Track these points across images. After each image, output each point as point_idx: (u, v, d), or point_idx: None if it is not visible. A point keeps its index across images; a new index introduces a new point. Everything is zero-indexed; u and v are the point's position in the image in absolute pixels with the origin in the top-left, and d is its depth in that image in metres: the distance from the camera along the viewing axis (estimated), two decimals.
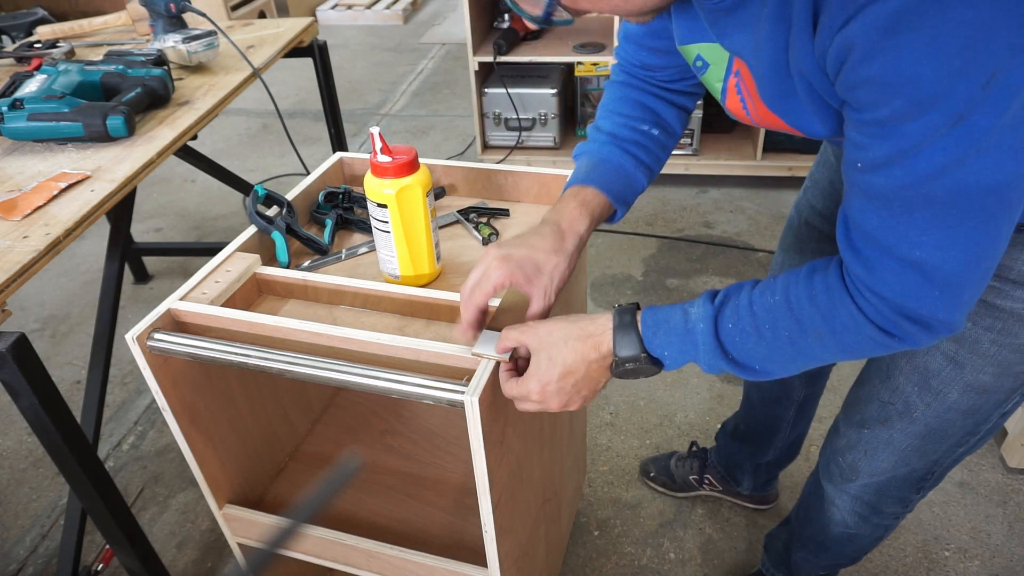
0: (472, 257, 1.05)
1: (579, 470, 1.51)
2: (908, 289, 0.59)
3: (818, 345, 0.64)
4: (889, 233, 0.58)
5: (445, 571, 0.98)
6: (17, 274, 0.97)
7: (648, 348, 0.70)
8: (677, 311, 0.70)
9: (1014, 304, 0.72)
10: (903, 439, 0.90)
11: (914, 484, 0.97)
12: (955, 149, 0.51)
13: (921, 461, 0.93)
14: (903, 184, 0.55)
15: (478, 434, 0.76)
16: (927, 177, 0.53)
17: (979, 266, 0.58)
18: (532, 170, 1.15)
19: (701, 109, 2.65)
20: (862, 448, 0.96)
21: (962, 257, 0.57)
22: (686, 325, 0.68)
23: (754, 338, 0.66)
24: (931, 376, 0.83)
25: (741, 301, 0.67)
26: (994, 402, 0.82)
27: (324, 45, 1.86)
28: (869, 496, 1.01)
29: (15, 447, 1.87)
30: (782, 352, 0.66)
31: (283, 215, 1.06)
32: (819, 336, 0.64)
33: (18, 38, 1.80)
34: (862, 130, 0.56)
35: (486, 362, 0.77)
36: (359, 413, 1.32)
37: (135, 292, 2.44)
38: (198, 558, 1.57)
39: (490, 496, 0.83)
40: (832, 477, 1.04)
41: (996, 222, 0.56)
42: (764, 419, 1.38)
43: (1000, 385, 0.80)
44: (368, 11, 5.07)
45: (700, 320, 0.68)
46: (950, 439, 0.88)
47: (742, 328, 0.66)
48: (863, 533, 1.08)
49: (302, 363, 0.81)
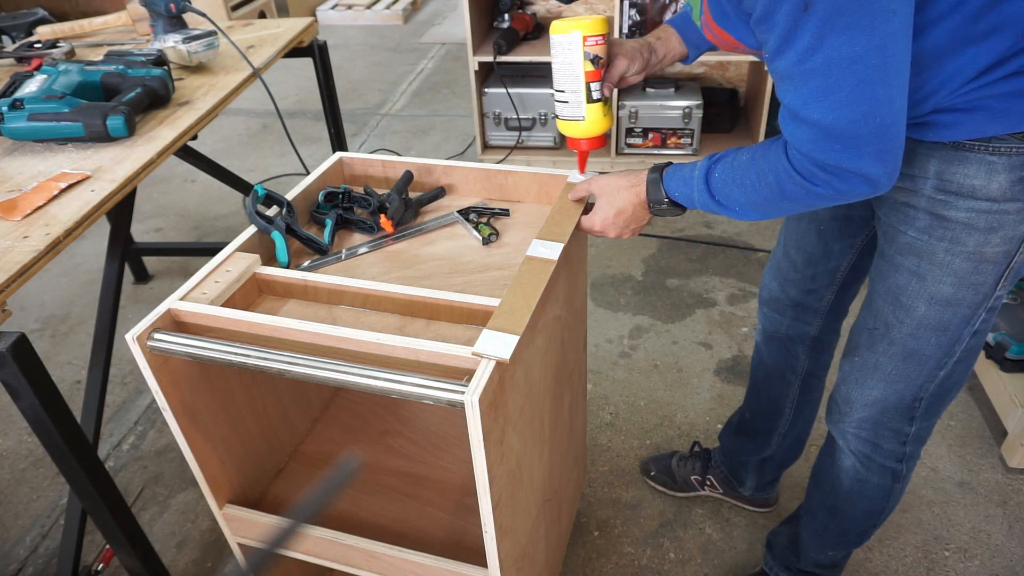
0: (473, 257, 1.05)
1: (579, 470, 1.51)
2: (815, 143, 0.76)
3: (769, 190, 0.84)
4: (796, 103, 0.76)
5: (445, 571, 0.98)
6: (17, 274, 0.97)
7: (666, 190, 0.95)
8: (688, 165, 0.93)
9: (958, 213, 0.84)
10: (887, 362, 0.99)
11: (904, 413, 1.03)
12: (814, 30, 0.69)
13: (907, 387, 1.00)
14: (792, 62, 0.73)
15: (478, 434, 0.76)
16: (803, 54, 0.71)
17: (869, 122, 0.73)
18: (532, 170, 1.15)
19: (701, 109, 2.65)
20: (853, 377, 1.05)
21: (849, 114, 0.73)
22: (692, 173, 0.92)
23: (731, 184, 0.88)
24: (900, 292, 0.94)
25: (727, 157, 0.89)
26: (961, 317, 0.91)
27: (324, 45, 1.86)
28: (867, 432, 1.08)
29: (15, 447, 1.87)
30: (749, 196, 0.87)
31: (283, 215, 1.06)
32: (768, 184, 0.84)
33: (18, 38, 1.80)
34: (758, 29, 0.76)
35: (486, 362, 0.77)
36: (359, 413, 1.32)
37: (135, 292, 2.44)
38: (198, 558, 1.57)
39: (490, 496, 0.83)
40: (832, 416, 1.12)
41: (871, 86, 0.71)
42: (768, 400, 1.40)
43: (961, 297, 0.90)
44: (368, 11, 5.07)
45: (698, 169, 0.92)
46: (929, 361, 0.97)
47: (724, 176, 0.89)
48: (870, 480, 1.12)
49: (302, 363, 0.81)
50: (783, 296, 1.25)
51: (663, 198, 0.96)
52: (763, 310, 1.32)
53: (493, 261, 1.04)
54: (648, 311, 2.21)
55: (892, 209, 0.92)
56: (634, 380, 1.96)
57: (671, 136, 2.73)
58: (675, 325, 2.15)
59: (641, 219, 1.01)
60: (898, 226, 0.91)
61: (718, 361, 2.01)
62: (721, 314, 2.17)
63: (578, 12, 2.83)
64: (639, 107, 2.67)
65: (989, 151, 0.80)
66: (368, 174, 1.24)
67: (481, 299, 0.89)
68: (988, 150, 0.80)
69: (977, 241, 0.85)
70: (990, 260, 0.86)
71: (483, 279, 1.01)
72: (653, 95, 2.70)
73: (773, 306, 1.28)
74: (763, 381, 1.40)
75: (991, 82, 0.77)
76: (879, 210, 0.96)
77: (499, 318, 0.83)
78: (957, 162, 0.82)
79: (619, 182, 1.00)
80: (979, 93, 0.78)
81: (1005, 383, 1.69)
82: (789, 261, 1.21)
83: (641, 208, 0.99)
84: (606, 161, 2.78)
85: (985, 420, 1.78)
